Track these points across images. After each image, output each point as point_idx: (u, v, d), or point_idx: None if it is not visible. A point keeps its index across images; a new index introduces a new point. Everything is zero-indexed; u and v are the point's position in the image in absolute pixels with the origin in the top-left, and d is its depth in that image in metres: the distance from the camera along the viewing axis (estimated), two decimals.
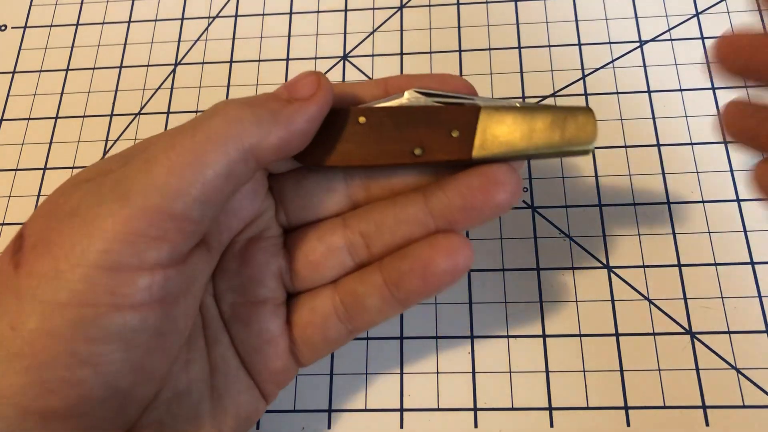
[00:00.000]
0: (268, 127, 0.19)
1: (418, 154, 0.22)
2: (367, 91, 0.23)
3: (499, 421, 0.27)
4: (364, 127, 0.22)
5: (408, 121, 0.22)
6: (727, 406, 0.26)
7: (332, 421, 0.28)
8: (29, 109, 0.36)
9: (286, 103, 0.20)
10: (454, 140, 0.21)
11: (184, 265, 0.19)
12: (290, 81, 0.21)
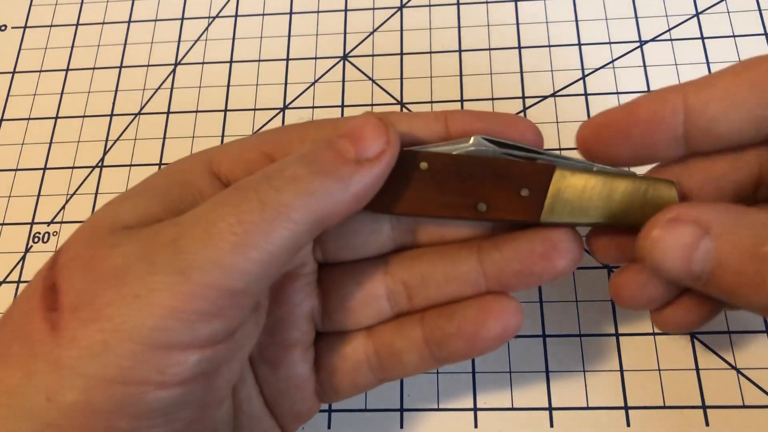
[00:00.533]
0: (339, 196, 0.18)
1: (481, 210, 0.20)
2: (426, 126, 0.21)
3: (499, 421, 0.27)
4: (426, 174, 0.20)
5: (474, 172, 0.20)
6: (727, 406, 0.26)
7: (332, 421, 0.28)
8: (29, 109, 0.36)
9: (355, 165, 0.18)
10: (522, 200, 0.20)
11: (234, 336, 0.18)
12: (354, 129, 0.19)
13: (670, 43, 0.34)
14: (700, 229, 0.18)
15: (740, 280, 0.18)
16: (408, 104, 0.34)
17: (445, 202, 0.20)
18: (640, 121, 0.20)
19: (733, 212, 0.18)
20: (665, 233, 0.18)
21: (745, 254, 0.17)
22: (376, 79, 0.35)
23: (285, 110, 0.34)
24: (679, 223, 0.18)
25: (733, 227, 0.18)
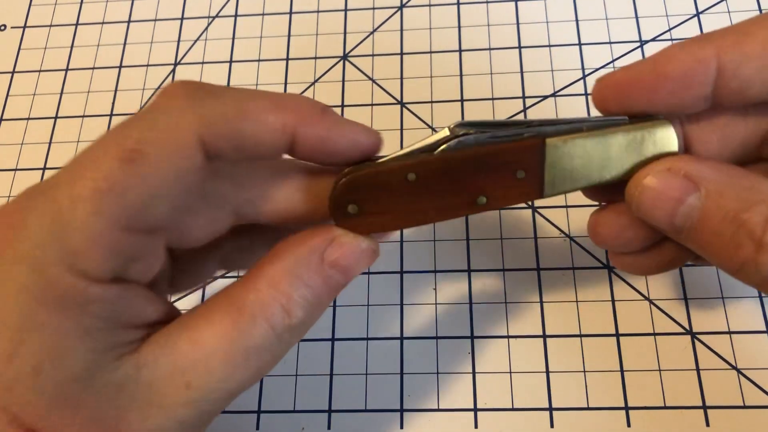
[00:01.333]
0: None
1: (482, 203, 0.19)
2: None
3: (499, 421, 0.27)
4: (417, 184, 0.19)
5: (465, 169, 0.19)
6: (728, 407, 0.26)
7: (332, 422, 0.28)
8: (29, 109, 0.36)
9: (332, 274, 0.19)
10: (520, 182, 0.19)
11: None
12: (344, 264, 0.19)
13: (670, 43, 0.34)
14: (690, 185, 0.18)
15: (717, 241, 0.18)
16: (408, 104, 0.34)
17: (443, 205, 0.19)
18: (670, 79, 0.19)
19: (725, 172, 0.18)
20: (656, 182, 0.19)
21: (728, 217, 0.17)
22: (376, 79, 0.35)
23: None
24: (671, 175, 0.18)
25: (723, 187, 0.18)
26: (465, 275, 0.30)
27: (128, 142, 0.17)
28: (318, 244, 0.19)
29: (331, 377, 0.28)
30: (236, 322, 0.18)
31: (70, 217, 0.16)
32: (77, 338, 0.16)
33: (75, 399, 0.16)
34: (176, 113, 0.17)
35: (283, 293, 0.18)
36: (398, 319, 0.29)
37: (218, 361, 0.17)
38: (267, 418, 0.28)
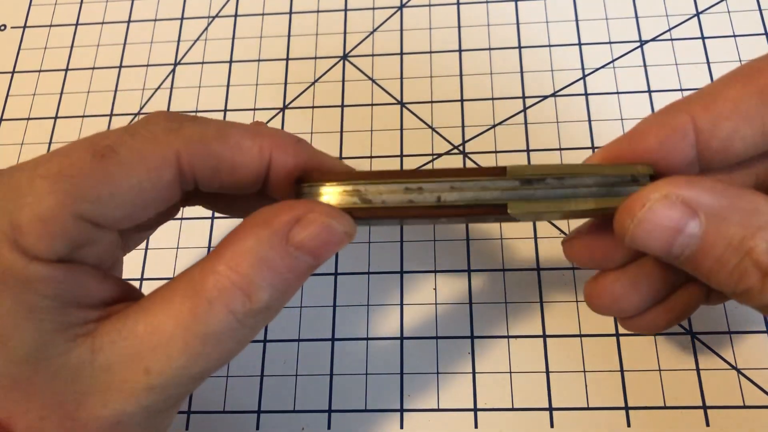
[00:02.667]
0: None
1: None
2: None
3: (499, 421, 0.27)
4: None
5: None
6: (728, 407, 0.26)
7: (332, 422, 0.28)
8: (29, 109, 0.36)
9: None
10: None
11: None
12: (315, 249, 0.18)
13: (670, 43, 0.34)
14: (688, 211, 0.17)
15: (720, 268, 0.17)
16: (408, 104, 0.34)
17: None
18: (648, 152, 0.19)
19: (727, 195, 0.17)
20: (651, 213, 0.17)
21: (732, 244, 0.17)
22: (376, 79, 0.35)
23: (285, 110, 0.34)
24: (668, 203, 0.17)
25: (724, 212, 0.17)
26: (465, 275, 0.30)
27: (104, 141, 0.17)
28: (282, 222, 0.17)
29: (331, 377, 0.28)
30: (194, 307, 0.17)
31: (24, 193, 0.16)
32: (22, 317, 0.16)
33: (26, 382, 0.16)
34: (157, 128, 0.18)
35: (244, 276, 0.17)
36: (398, 319, 0.29)
37: (177, 347, 0.17)
38: (267, 418, 0.28)
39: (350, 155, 0.33)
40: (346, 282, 0.30)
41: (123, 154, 0.17)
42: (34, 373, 0.16)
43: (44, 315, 0.16)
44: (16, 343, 0.16)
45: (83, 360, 0.16)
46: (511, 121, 0.33)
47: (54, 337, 0.16)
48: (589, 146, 0.32)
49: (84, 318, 0.17)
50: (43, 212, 0.16)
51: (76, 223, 0.16)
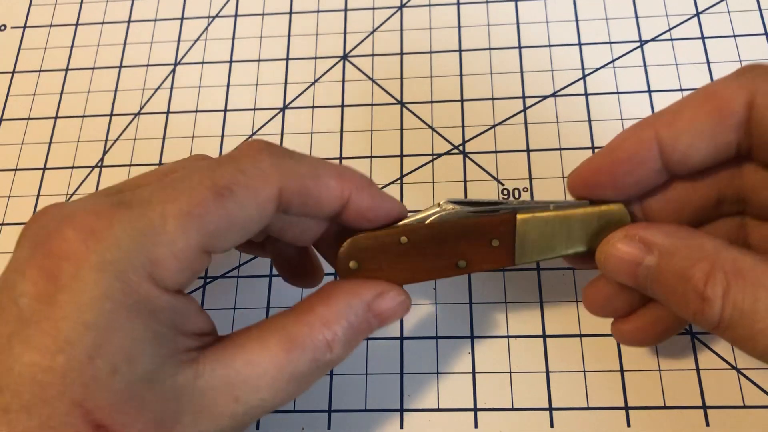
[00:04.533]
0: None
1: (462, 267, 0.23)
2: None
3: (499, 421, 0.27)
4: (407, 246, 0.22)
5: (448, 236, 0.22)
6: (727, 407, 0.26)
7: (332, 421, 0.28)
8: (29, 109, 0.36)
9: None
10: (495, 249, 0.23)
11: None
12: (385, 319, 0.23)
13: (670, 43, 0.34)
14: (644, 248, 0.21)
15: (672, 295, 0.20)
16: (408, 104, 0.34)
17: (428, 267, 0.23)
18: (621, 163, 0.22)
19: (675, 234, 0.21)
20: (615, 250, 0.21)
21: (677, 274, 0.20)
22: (376, 79, 0.35)
23: (285, 110, 0.34)
24: (628, 241, 0.21)
25: (672, 248, 0.20)
26: (465, 275, 0.30)
27: (222, 181, 0.19)
28: (368, 295, 0.22)
29: (331, 377, 0.28)
30: (288, 351, 0.20)
31: (159, 231, 0.18)
32: (148, 342, 0.18)
33: (142, 399, 0.18)
34: (264, 165, 0.20)
35: (332, 332, 0.21)
36: (398, 320, 0.29)
37: (266, 382, 0.20)
38: (267, 418, 0.28)
39: (350, 155, 0.33)
40: None
41: (238, 193, 0.19)
42: (147, 391, 0.18)
43: (163, 341, 0.19)
44: (139, 365, 0.18)
45: (187, 383, 0.19)
46: (511, 121, 0.33)
47: (168, 361, 0.19)
48: (589, 146, 0.32)
49: (189, 346, 0.19)
50: (177, 250, 0.18)
51: (200, 257, 0.19)
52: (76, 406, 0.17)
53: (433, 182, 0.32)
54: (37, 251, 0.18)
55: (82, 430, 0.17)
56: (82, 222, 0.18)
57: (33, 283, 0.17)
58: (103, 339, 0.17)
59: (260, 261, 0.31)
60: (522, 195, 0.31)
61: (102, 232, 0.18)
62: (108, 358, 0.17)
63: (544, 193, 0.31)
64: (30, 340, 0.17)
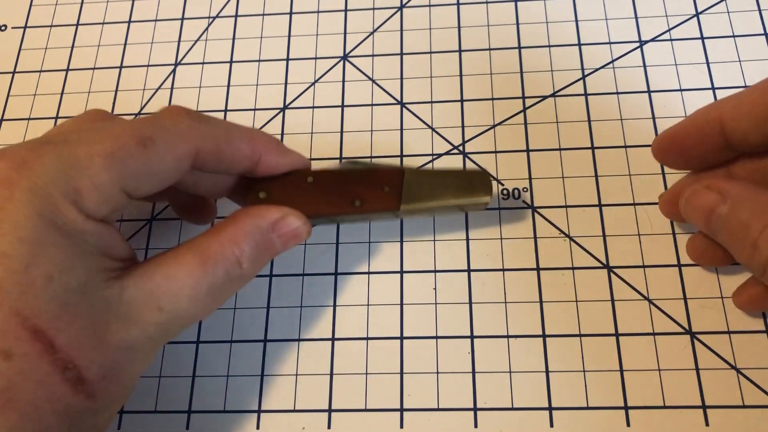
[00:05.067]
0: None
1: (357, 205, 0.27)
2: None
3: (499, 421, 0.27)
4: (312, 185, 0.27)
5: (349, 180, 0.27)
6: (727, 406, 0.26)
7: (332, 421, 0.28)
8: (29, 109, 0.36)
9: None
10: (386, 194, 0.27)
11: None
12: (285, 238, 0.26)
13: (670, 43, 0.34)
14: (719, 198, 0.24)
15: (734, 241, 0.24)
16: (408, 104, 0.34)
17: (328, 202, 0.27)
18: (688, 137, 0.25)
19: (748, 189, 0.23)
20: (697, 196, 0.25)
21: (741, 223, 0.23)
22: (376, 79, 0.35)
23: (285, 110, 0.35)
24: (707, 191, 0.24)
25: (743, 200, 0.23)
26: (465, 275, 0.30)
27: (145, 132, 0.22)
28: (272, 217, 0.25)
29: (331, 377, 0.28)
30: (203, 265, 0.23)
31: (85, 165, 0.21)
32: (77, 257, 0.20)
33: (75, 307, 0.20)
34: (183, 126, 0.23)
35: (240, 248, 0.24)
36: (398, 319, 0.29)
37: (185, 293, 0.22)
38: (267, 417, 0.28)
39: (350, 155, 0.33)
40: (346, 282, 0.30)
41: (159, 145, 0.22)
42: (80, 301, 0.20)
43: (90, 259, 0.21)
44: (71, 277, 0.20)
45: (114, 295, 0.21)
46: (511, 121, 0.33)
47: (96, 276, 0.21)
48: (589, 146, 0.32)
49: (114, 265, 0.22)
50: (98, 183, 0.21)
51: (119, 194, 0.22)
52: (13, 314, 0.19)
53: None
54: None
55: (20, 335, 0.19)
56: (13, 154, 0.20)
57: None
58: (38, 251, 0.19)
59: None
60: (522, 195, 0.31)
61: (32, 162, 0.20)
62: (42, 268, 0.19)
63: (544, 193, 0.31)
64: None
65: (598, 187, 0.31)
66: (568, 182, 0.31)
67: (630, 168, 0.31)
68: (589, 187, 0.31)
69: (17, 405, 0.19)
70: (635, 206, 0.30)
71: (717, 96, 0.32)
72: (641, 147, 0.31)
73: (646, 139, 0.32)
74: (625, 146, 0.32)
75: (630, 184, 0.31)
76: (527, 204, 0.31)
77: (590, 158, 0.31)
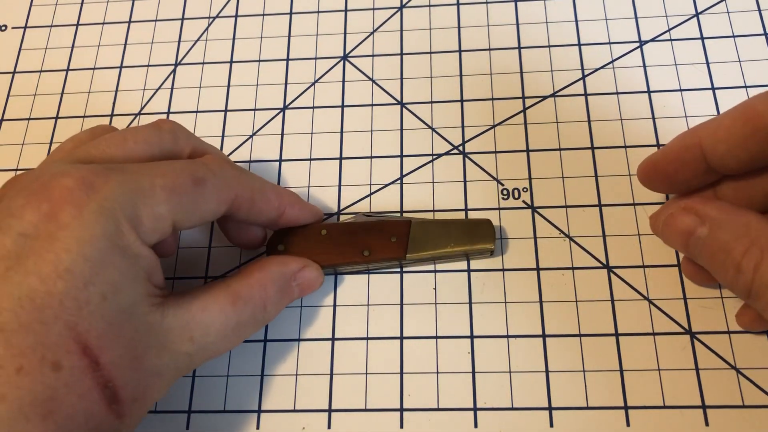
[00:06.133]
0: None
1: (366, 255, 0.29)
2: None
3: (499, 421, 0.27)
4: (325, 237, 0.29)
5: (359, 231, 0.29)
6: (727, 406, 0.26)
7: (332, 421, 0.28)
8: (29, 109, 0.36)
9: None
10: (393, 244, 0.29)
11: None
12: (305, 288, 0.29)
13: (670, 43, 0.34)
14: (698, 220, 0.24)
15: (714, 264, 0.24)
16: (408, 104, 0.34)
17: (340, 252, 0.29)
18: (670, 163, 0.26)
19: (728, 211, 0.24)
20: (673, 219, 0.25)
21: (722, 246, 0.23)
22: (376, 79, 0.35)
23: (285, 110, 0.35)
24: (685, 212, 0.24)
25: (722, 222, 0.23)
26: (465, 275, 0.30)
27: (198, 173, 0.24)
28: (294, 266, 0.28)
29: (331, 377, 0.28)
30: (233, 304, 0.25)
31: (148, 194, 0.22)
32: (130, 279, 0.22)
33: (121, 328, 0.21)
34: (227, 173, 0.26)
35: (267, 293, 0.26)
36: (398, 319, 0.29)
37: (216, 327, 0.24)
38: (267, 417, 0.28)
39: (350, 155, 0.33)
40: (346, 282, 0.30)
41: (209, 187, 0.24)
42: (126, 322, 0.21)
43: (139, 282, 0.22)
44: (122, 298, 0.21)
45: (156, 321, 0.22)
46: (511, 121, 0.33)
47: (144, 300, 0.22)
48: (589, 146, 0.32)
49: (156, 292, 0.23)
50: (157, 213, 0.23)
51: (170, 225, 0.23)
52: (68, 327, 0.20)
53: (432, 182, 0.32)
54: (34, 198, 0.21)
55: (71, 349, 0.20)
56: (80, 176, 0.21)
57: (32, 224, 0.20)
58: (97, 270, 0.20)
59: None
60: (522, 195, 0.31)
61: (100, 185, 0.21)
62: (99, 287, 0.20)
63: (544, 193, 0.31)
64: (29, 270, 0.20)
65: (598, 187, 0.31)
66: (568, 182, 0.31)
67: (630, 168, 0.31)
68: (589, 187, 0.31)
69: (57, 417, 0.19)
70: (635, 206, 0.30)
71: (717, 96, 0.32)
72: (641, 147, 0.31)
73: (646, 139, 0.32)
74: (625, 146, 0.32)
75: (630, 184, 0.31)
76: (527, 204, 0.31)
77: (590, 158, 0.31)
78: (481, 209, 0.31)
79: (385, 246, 0.29)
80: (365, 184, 0.32)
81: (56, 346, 0.19)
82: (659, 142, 0.31)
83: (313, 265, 0.28)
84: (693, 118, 0.32)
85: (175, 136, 0.26)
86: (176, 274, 0.31)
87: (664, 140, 0.31)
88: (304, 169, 0.33)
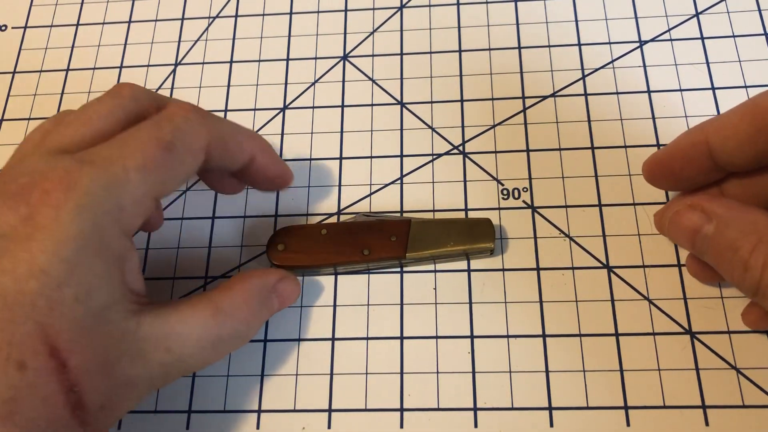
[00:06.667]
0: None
1: (366, 254, 0.29)
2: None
3: (499, 421, 0.27)
4: (326, 236, 0.30)
5: (359, 231, 0.29)
6: (727, 406, 0.26)
7: (332, 421, 0.28)
8: (29, 109, 0.36)
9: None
10: (393, 243, 0.29)
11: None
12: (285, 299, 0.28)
13: (670, 43, 0.34)
14: (705, 217, 0.24)
15: (722, 262, 0.23)
16: (408, 104, 0.34)
17: (340, 251, 0.29)
18: (676, 160, 0.25)
19: (735, 209, 0.23)
20: (679, 217, 0.25)
21: (729, 244, 0.23)
22: (376, 79, 0.35)
23: (285, 110, 0.35)
24: (692, 210, 0.24)
25: (729, 220, 0.23)
26: (465, 275, 0.30)
27: (165, 137, 0.23)
28: (273, 279, 0.27)
29: (331, 377, 0.28)
30: (214, 317, 0.24)
31: (123, 182, 0.21)
32: (105, 281, 0.21)
33: (92, 332, 0.20)
34: (195, 124, 0.24)
35: (249, 306, 0.25)
36: (398, 319, 0.29)
37: (194, 340, 0.23)
38: (267, 417, 0.28)
39: (350, 155, 0.33)
40: (346, 282, 0.30)
41: (179, 147, 0.23)
42: (99, 326, 0.21)
43: (116, 287, 0.21)
44: (96, 299, 0.20)
45: (130, 329, 0.21)
46: (511, 121, 0.33)
47: (117, 305, 0.21)
48: (589, 146, 0.32)
49: (134, 298, 0.22)
50: (137, 198, 0.22)
51: (151, 203, 0.23)
52: (38, 327, 0.19)
53: (432, 182, 0.32)
54: (11, 202, 0.20)
55: (38, 349, 0.19)
56: (56, 177, 0.21)
57: (10, 226, 0.20)
58: (72, 271, 0.20)
59: (260, 261, 0.31)
60: (522, 195, 0.31)
61: (76, 184, 0.20)
62: (73, 288, 0.20)
63: (544, 193, 0.31)
64: (4, 269, 0.19)
65: (598, 187, 0.31)
66: (568, 182, 0.31)
67: (630, 168, 0.31)
68: (589, 187, 0.31)
69: (18, 419, 0.19)
70: (635, 206, 0.30)
71: (717, 96, 0.32)
72: (641, 147, 0.31)
73: (646, 139, 0.32)
74: (625, 146, 0.32)
75: (630, 184, 0.31)
76: (527, 204, 0.31)
77: (590, 158, 0.31)
78: (481, 209, 0.31)
79: (385, 245, 0.29)
80: (365, 184, 0.32)
81: (23, 345, 0.19)
82: (659, 142, 0.31)
83: (291, 276, 0.28)
84: (693, 118, 0.32)
85: (136, 99, 0.25)
86: (176, 274, 0.31)
87: (664, 140, 0.31)
88: (304, 169, 0.33)
